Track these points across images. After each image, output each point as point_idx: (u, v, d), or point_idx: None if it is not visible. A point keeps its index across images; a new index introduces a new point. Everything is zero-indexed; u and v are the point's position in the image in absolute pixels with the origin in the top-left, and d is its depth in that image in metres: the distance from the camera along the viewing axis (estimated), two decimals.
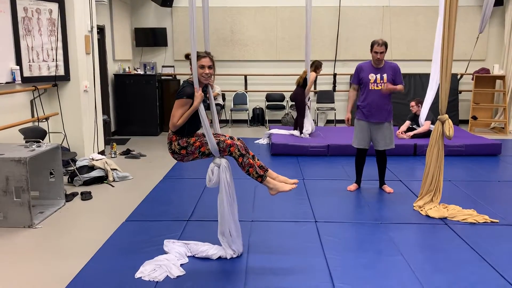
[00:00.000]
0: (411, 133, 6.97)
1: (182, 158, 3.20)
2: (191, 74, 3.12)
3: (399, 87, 4.61)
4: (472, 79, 9.18)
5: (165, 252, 3.29)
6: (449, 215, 4.10)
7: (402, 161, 6.24)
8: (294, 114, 8.30)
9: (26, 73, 5.35)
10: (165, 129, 8.84)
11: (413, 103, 7.13)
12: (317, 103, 9.75)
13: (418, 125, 6.95)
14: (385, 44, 4.54)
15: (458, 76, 9.48)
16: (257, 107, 9.89)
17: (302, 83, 7.18)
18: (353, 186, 4.96)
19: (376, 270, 3.11)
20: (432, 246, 3.53)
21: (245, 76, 9.87)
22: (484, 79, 9.12)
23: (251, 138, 7.98)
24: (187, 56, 3.15)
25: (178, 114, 3.07)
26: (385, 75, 4.57)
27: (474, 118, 9.02)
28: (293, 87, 7.51)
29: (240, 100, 9.87)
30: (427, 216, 4.12)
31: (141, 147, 7.36)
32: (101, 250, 3.40)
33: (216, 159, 3.16)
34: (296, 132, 7.36)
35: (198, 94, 3.07)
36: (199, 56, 3.10)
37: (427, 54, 5.16)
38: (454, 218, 4.05)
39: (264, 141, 7.72)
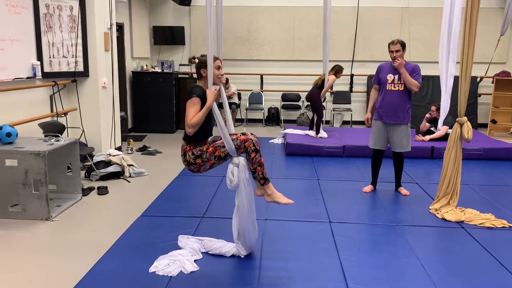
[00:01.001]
0: (428, 137, 6.89)
1: (198, 168, 3.13)
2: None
3: (414, 81, 4.47)
4: (492, 82, 9.02)
5: (179, 248, 3.31)
6: (466, 218, 4.04)
7: (419, 163, 6.17)
8: (310, 114, 8.28)
9: (47, 69, 5.45)
10: (181, 127, 8.89)
11: (433, 108, 7.02)
12: (333, 103, 9.71)
13: (437, 129, 6.85)
14: (400, 43, 4.48)
15: (478, 79, 9.33)
16: (273, 106, 9.88)
17: (320, 84, 7.16)
18: (368, 188, 4.92)
19: (391, 271, 3.08)
20: (448, 250, 3.48)
21: (261, 76, 9.87)
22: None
23: (266, 137, 7.98)
24: (191, 60, 3.16)
25: (192, 113, 2.99)
26: None
27: (494, 122, 8.86)
28: (309, 87, 7.48)
29: (255, 99, 9.87)
30: (444, 219, 4.07)
31: (157, 144, 7.43)
32: (116, 244, 3.44)
33: (234, 159, 3.09)
34: (312, 133, 7.33)
35: (211, 91, 3.01)
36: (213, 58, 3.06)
37: None
38: (471, 222, 3.99)
39: (279, 140, 7.72)
